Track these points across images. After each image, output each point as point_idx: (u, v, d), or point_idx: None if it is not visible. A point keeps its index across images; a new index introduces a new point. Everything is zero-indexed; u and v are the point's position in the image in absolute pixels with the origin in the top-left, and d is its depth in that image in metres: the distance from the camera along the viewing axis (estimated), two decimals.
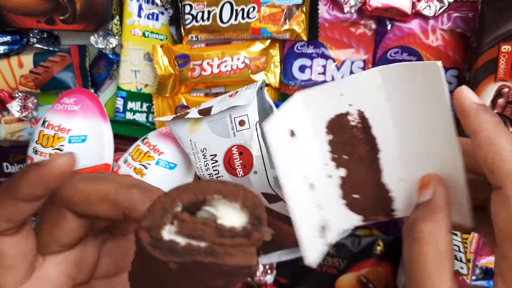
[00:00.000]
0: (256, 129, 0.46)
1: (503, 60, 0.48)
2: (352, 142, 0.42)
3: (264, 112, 0.50)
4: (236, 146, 0.47)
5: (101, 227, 0.29)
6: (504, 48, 0.48)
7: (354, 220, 0.43)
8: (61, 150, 0.51)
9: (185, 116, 0.47)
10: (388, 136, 0.40)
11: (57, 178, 0.24)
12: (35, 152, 0.52)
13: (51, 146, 0.52)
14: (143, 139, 0.52)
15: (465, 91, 0.30)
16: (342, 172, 0.42)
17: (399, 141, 0.39)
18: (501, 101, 0.49)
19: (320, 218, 0.43)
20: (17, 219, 0.24)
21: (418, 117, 0.36)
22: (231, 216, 0.21)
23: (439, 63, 0.30)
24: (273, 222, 0.53)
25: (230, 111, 0.46)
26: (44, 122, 0.53)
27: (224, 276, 0.21)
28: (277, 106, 0.52)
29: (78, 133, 0.52)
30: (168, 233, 0.20)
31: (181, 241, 0.20)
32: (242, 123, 0.46)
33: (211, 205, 0.22)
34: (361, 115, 0.40)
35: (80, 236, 0.27)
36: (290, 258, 0.60)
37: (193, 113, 0.47)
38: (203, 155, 0.48)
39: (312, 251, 0.42)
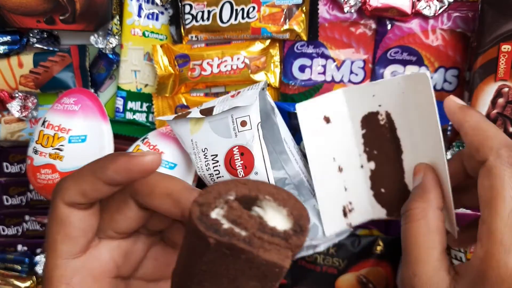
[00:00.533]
0: (258, 130, 0.46)
1: (503, 59, 0.48)
2: (381, 139, 0.47)
3: (266, 113, 0.51)
4: (237, 147, 0.47)
5: (156, 229, 0.30)
6: (504, 48, 0.48)
7: (381, 212, 0.49)
8: (61, 150, 0.51)
9: (186, 116, 0.47)
10: (408, 140, 0.45)
11: (142, 173, 0.26)
12: (35, 152, 0.52)
13: (51, 146, 0.52)
14: (143, 139, 0.52)
15: (452, 97, 0.37)
16: (372, 165, 0.48)
17: (414, 146, 0.45)
18: (501, 100, 0.49)
19: (345, 199, 0.49)
20: (92, 196, 0.27)
21: (416, 116, 0.42)
22: (276, 219, 0.23)
23: (428, 73, 0.41)
24: None
25: (232, 112, 0.46)
26: (44, 122, 0.53)
27: (256, 272, 0.22)
28: (278, 106, 0.53)
29: (78, 133, 0.52)
30: (216, 214, 0.22)
31: (225, 224, 0.22)
32: (243, 123, 0.46)
33: (260, 206, 0.23)
34: (388, 116, 0.46)
35: (137, 227, 0.29)
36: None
37: (195, 112, 0.47)
38: (204, 155, 0.48)
39: (332, 225, 0.50)
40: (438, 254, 0.32)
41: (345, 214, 0.50)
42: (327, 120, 0.47)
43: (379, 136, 0.47)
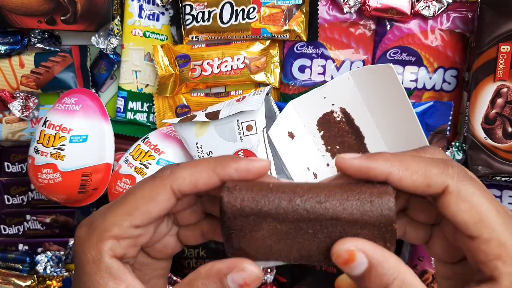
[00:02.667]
0: (263, 134, 0.47)
1: (502, 60, 0.48)
2: (341, 134, 0.52)
3: (270, 118, 0.51)
4: (242, 151, 0.47)
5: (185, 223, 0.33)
6: (503, 48, 0.48)
7: None
8: (62, 150, 0.52)
9: (192, 119, 0.48)
10: (369, 124, 0.51)
11: (256, 175, 0.30)
12: (36, 151, 0.53)
13: (52, 146, 0.52)
14: (144, 139, 0.53)
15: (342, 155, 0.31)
16: None
17: (378, 127, 0.51)
18: (500, 101, 0.49)
19: None
20: (200, 189, 0.30)
21: (385, 103, 0.48)
22: None
23: (391, 65, 0.45)
24: None
25: (237, 116, 0.47)
26: (45, 121, 0.53)
27: None
28: (279, 107, 0.53)
29: (79, 133, 0.53)
30: None
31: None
32: (249, 128, 0.47)
33: None
34: (344, 111, 0.51)
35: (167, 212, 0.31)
36: (286, 263, 0.60)
37: (200, 116, 0.48)
38: None
39: None
40: None
41: None
42: (291, 135, 0.52)
43: (338, 132, 0.52)
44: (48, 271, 0.65)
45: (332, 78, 0.56)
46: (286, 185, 0.30)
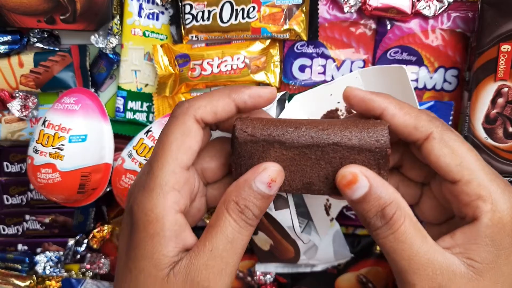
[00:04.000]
0: None
1: (502, 59, 0.48)
2: None
3: None
4: None
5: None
6: (504, 48, 0.48)
7: None
8: (61, 150, 0.52)
9: None
10: None
11: (267, 100, 0.33)
12: (36, 151, 0.52)
13: (51, 146, 0.52)
14: (147, 132, 0.52)
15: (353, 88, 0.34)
16: None
17: None
18: (500, 100, 0.49)
19: (323, 197, 0.52)
20: (220, 116, 0.32)
21: None
22: None
23: (404, 66, 0.43)
24: (276, 236, 0.53)
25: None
26: (44, 121, 0.53)
27: None
28: None
29: (78, 133, 0.52)
30: None
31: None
32: None
33: None
34: (349, 109, 0.50)
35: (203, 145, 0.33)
36: (286, 271, 0.61)
37: None
38: None
39: (323, 227, 0.53)
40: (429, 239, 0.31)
41: (327, 212, 0.53)
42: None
43: None
44: (48, 271, 0.65)
45: (332, 78, 0.56)
46: (292, 119, 0.33)
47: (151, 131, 0.52)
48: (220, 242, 0.29)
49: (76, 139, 0.52)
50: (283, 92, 0.52)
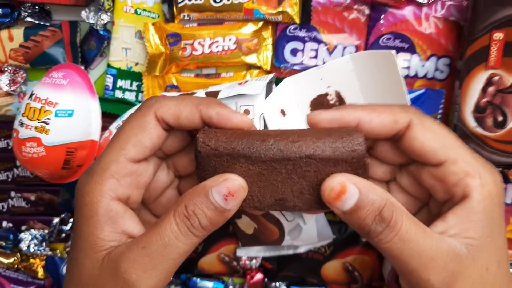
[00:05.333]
0: (260, 120, 0.46)
1: (494, 48, 0.48)
2: None
3: None
4: None
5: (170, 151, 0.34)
6: (496, 36, 0.48)
7: None
8: (47, 124, 0.51)
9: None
10: None
11: (233, 126, 0.31)
12: (21, 124, 0.52)
13: (37, 119, 0.51)
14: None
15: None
16: None
17: None
18: (491, 89, 0.49)
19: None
20: (181, 123, 0.31)
21: (380, 90, 0.47)
22: None
23: (393, 51, 0.43)
24: (260, 219, 0.53)
25: (237, 98, 0.46)
26: (31, 95, 0.52)
27: None
28: None
29: (65, 107, 0.52)
30: None
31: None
32: (247, 112, 0.47)
33: None
34: (338, 94, 0.50)
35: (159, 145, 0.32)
36: (268, 255, 0.60)
37: (200, 94, 0.47)
38: None
39: (309, 215, 0.52)
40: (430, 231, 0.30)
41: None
42: (283, 113, 0.50)
43: None
44: (32, 249, 0.64)
45: (324, 63, 0.55)
46: (260, 131, 0.31)
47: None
48: (154, 242, 0.28)
49: (62, 114, 0.51)
50: (272, 75, 0.51)
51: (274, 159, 0.29)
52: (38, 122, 0.51)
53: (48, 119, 0.51)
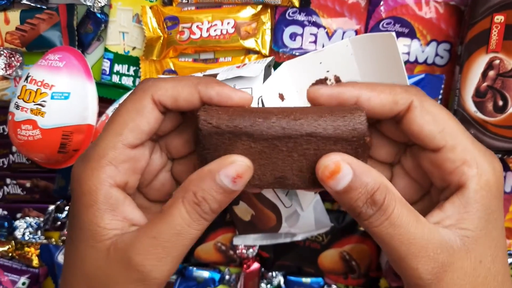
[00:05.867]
0: (258, 103, 0.46)
1: (495, 31, 0.47)
2: None
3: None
4: None
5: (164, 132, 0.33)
6: (497, 19, 0.47)
7: None
8: (43, 106, 0.50)
9: None
10: None
11: (234, 104, 0.30)
12: (17, 107, 0.51)
13: (33, 102, 0.51)
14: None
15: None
16: None
17: None
18: (491, 73, 0.48)
19: None
20: (179, 105, 0.30)
21: (380, 75, 0.45)
22: None
23: (393, 33, 0.42)
24: (257, 205, 0.52)
25: (235, 81, 0.46)
26: (27, 77, 0.52)
27: None
28: None
29: (61, 90, 0.51)
30: None
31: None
32: None
33: None
34: (337, 79, 0.49)
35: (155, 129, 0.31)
36: (265, 244, 0.59)
37: None
38: None
39: (306, 200, 0.52)
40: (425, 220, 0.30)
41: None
42: (281, 97, 0.49)
43: None
44: (27, 237, 0.63)
45: (323, 47, 0.55)
46: (261, 108, 0.30)
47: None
48: (166, 231, 0.28)
49: (58, 96, 0.51)
50: (270, 58, 0.51)
51: (276, 136, 0.29)
52: (34, 105, 0.50)
53: (44, 101, 0.50)
